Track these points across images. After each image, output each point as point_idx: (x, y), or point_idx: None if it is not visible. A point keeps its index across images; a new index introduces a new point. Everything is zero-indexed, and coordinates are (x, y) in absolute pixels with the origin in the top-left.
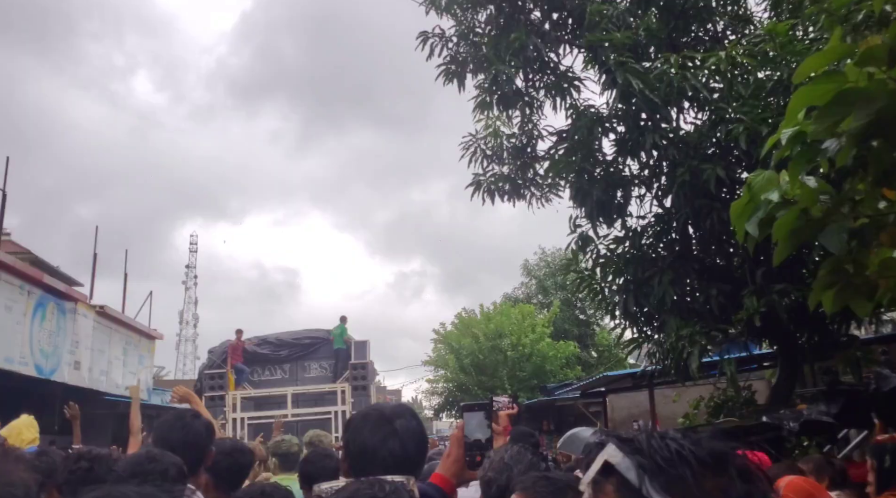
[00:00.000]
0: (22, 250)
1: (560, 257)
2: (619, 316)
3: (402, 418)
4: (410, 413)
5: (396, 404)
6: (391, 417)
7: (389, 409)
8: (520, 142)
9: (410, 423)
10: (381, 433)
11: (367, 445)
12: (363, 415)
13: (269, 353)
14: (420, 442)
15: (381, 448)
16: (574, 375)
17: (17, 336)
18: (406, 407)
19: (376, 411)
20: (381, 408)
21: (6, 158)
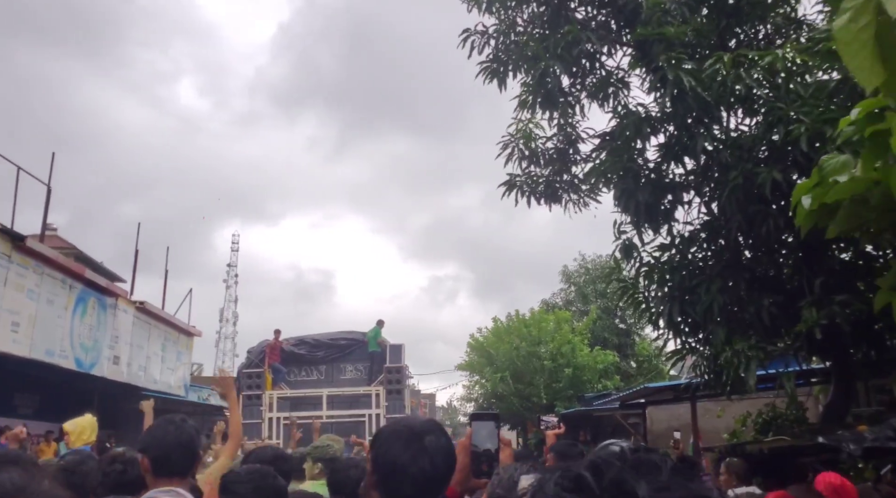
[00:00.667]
0: (67, 246)
1: (600, 265)
2: (662, 326)
3: (433, 435)
4: (440, 429)
5: (426, 420)
6: (421, 433)
7: (419, 424)
8: (560, 143)
9: (440, 440)
10: (411, 450)
11: (398, 462)
12: (392, 430)
13: (306, 353)
14: (449, 459)
15: (412, 466)
16: (612, 385)
17: (57, 330)
18: (435, 423)
19: (406, 428)
20: (410, 423)
21: (52, 155)
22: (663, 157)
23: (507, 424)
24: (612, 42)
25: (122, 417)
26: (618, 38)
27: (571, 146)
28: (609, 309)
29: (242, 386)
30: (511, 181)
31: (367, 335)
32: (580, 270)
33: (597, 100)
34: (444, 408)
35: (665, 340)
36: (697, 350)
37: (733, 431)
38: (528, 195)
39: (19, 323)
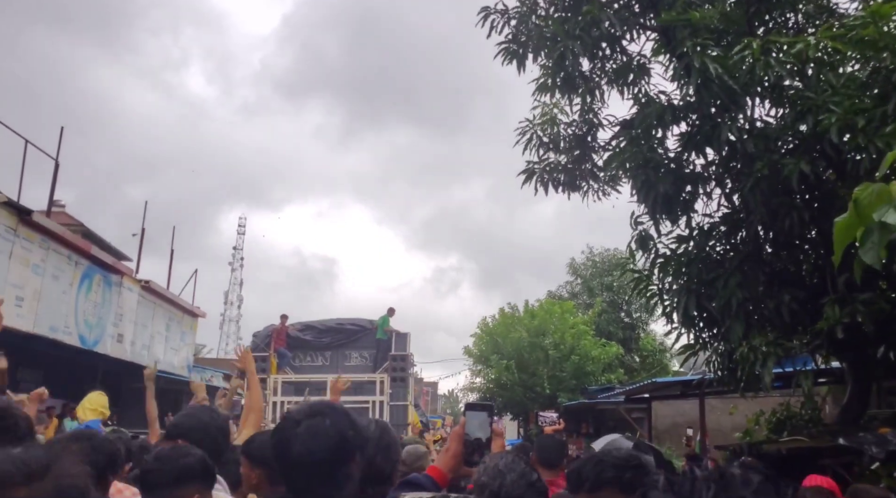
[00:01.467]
0: (75, 223)
1: (608, 258)
2: (675, 320)
3: (315, 418)
4: (328, 412)
5: (315, 404)
6: (300, 418)
7: (305, 409)
8: (579, 130)
9: (321, 423)
10: (285, 436)
11: (277, 448)
12: (283, 418)
13: (312, 339)
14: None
15: (285, 450)
16: (616, 379)
17: (62, 306)
18: (325, 406)
19: (291, 413)
20: (298, 409)
21: (60, 129)
22: (684, 147)
23: (510, 413)
24: (635, 26)
25: (125, 396)
26: (640, 22)
27: (591, 133)
28: (615, 303)
29: None
30: (530, 169)
31: (377, 322)
32: (587, 262)
33: (617, 86)
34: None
35: (678, 334)
36: (712, 345)
37: (746, 429)
38: (547, 183)
39: (24, 298)
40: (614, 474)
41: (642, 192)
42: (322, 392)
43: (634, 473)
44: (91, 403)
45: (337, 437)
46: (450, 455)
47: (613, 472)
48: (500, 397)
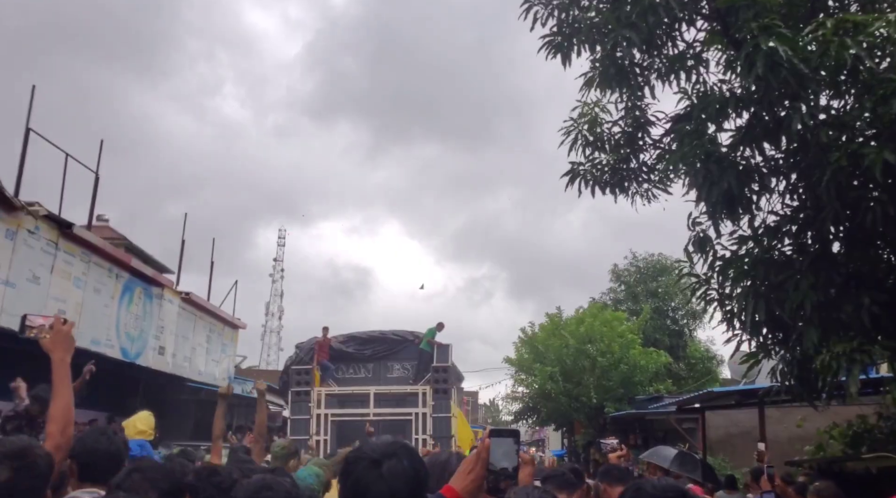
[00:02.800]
0: (118, 237)
1: (652, 263)
2: (737, 326)
3: (393, 459)
4: (404, 452)
5: (389, 443)
6: (380, 459)
7: (380, 450)
8: (628, 127)
9: (400, 464)
10: (364, 479)
11: (358, 489)
12: (355, 457)
13: (354, 350)
14: (412, 484)
15: (369, 493)
16: (664, 389)
17: (103, 319)
18: (400, 446)
19: (366, 453)
20: (372, 449)
21: (100, 142)
22: (740, 142)
23: (553, 423)
24: (692, 12)
25: (167, 408)
26: (696, 9)
27: (640, 130)
28: (660, 309)
29: (291, 382)
30: (574, 170)
31: (422, 334)
32: (631, 268)
33: (669, 79)
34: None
35: (738, 342)
36: (777, 352)
37: (818, 443)
38: (593, 185)
39: (66, 311)
40: None
41: (704, 189)
42: (365, 404)
43: None
44: (140, 423)
45: (416, 477)
46: (471, 478)
47: None
48: (544, 408)
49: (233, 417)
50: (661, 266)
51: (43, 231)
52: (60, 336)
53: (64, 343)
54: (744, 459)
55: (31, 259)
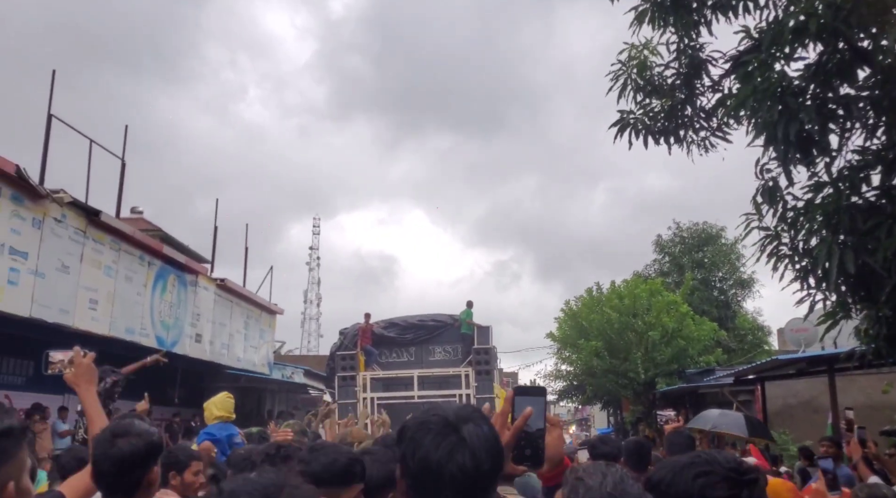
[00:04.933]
0: (153, 228)
1: (696, 233)
2: (812, 283)
3: (472, 423)
4: (479, 415)
5: (461, 406)
6: (456, 422)
7: (454, 412)
8: (682, 67)
9: (482, 428)
10: (447, 445)
11: (431, 460)
12: (421, 422)
13: (396, 336)
14: (494, 452)
15: (449, 463)
16: (714, 360)
17: (137, 307)
18: (473, 408)
19: (438, 417)
20: (443, 412)
21: (125, 127)
22: (811, 79)
23: (599, 401)
24: None
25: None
26: None
27: (697, 71)
28: (707, 280)
29: (337, 367)
30: (624, 120)
31: (460, 317)
32: (674, 239)
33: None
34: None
35: (812, 302)
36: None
37: None
38: (645, 134)
39: (97, 300)
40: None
41: (780, 127)
42: (409, 387)
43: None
44: (217, 406)
45: (497, 447)
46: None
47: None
48: (589, 385)
49: (274, 403)
50: (706, 235)
51: (70, 219)
52: (82, 369)
53: (86, 375)
54: (804, 430)
55: (60, 248)
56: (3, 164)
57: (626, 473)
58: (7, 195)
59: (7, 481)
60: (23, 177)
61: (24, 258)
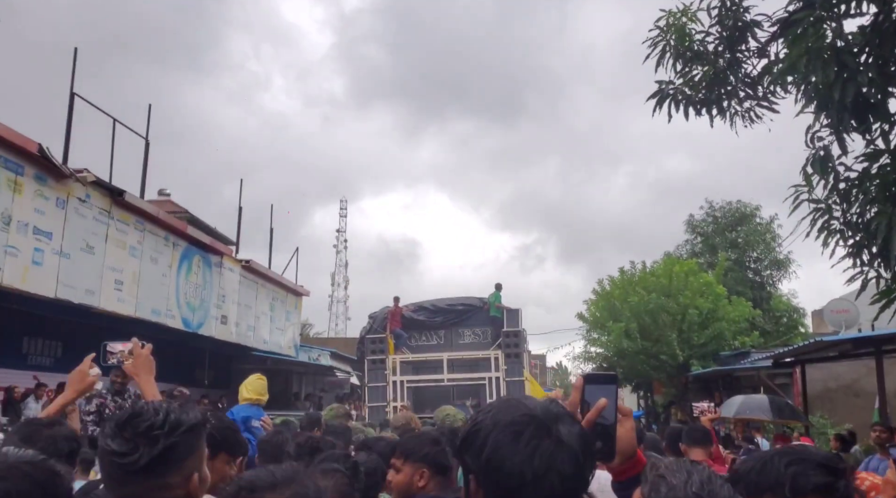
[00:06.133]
0: (180, 210)
1: (730, 212)
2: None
3: (565, 422)
4: (567, 412)
5: (544, 401)
6: (548, 422)
7: (541, 409)
8: (726, 30)
9: (575, 427)
10: (544, 450)
11: (525, 470)
12: (506, 422)
13: (426, 319)
14: (592, 455)
15: (550, 473)
16: (750, 342)
17: (162, 288)
18: (556, 404)
19: (525, 416)
20: (528, 410)
21: (148, 106)
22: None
23: (630, 384)
24: None
25: (233, 379)
26: None
27: (741, 35)
28: (740, 261)
29: (367, 351)
30: (662, 90)
31: (488, 300)
32: (707, 218)
33: None
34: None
35: (864, 279)
36: None
37: None
38: (686, 105)
39: (123, 281)
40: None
41: (836, 89)
42: (439, 370)
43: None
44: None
45: (590, 450)
46: None
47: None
48: (621, 367)
49: (301, 385)
50: (740, 214)
51: (94, 199)
52: (141, 359)
53: (145, 366)
54: (844, 415)
55: (84, 228)
56: (25, 143)
57: (714, 473)
58: (31, 174)
59: (192, 472)
60: (46, 156)
61: (49, 238)
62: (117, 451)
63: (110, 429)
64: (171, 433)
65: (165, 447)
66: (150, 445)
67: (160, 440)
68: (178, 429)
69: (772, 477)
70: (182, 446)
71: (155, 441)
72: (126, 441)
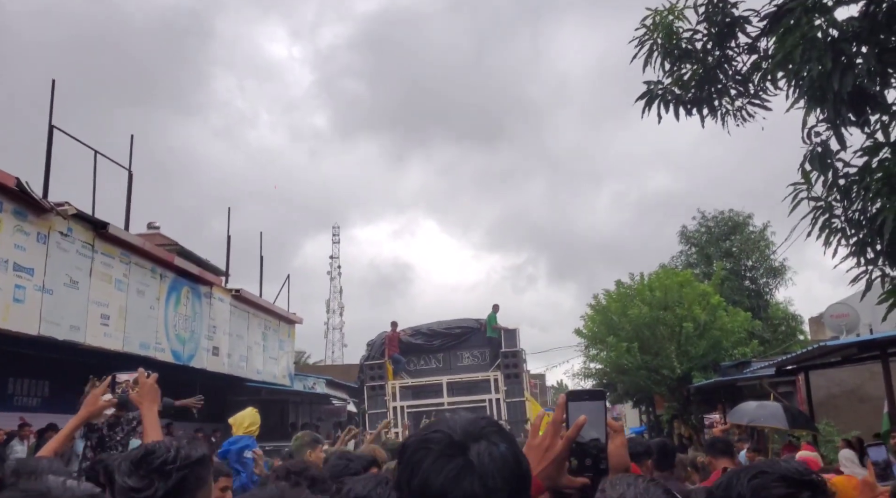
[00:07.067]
0: (170, 242)
1: (723, 221)
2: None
3: (483, 441)
4: (494, 431)
5: (471, 420)
6: (463, 441)
7: (461, 428)
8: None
9: (495, 449)
10: (450, 469)
11: (431, 487)
12: (421, 440)
13: (423, 343)
14: (508, 474)
15: (454, 491)
16: (750, 352)
17: (151, 321)
18: (486, 422)
19: (442, 435)
20: (449, 427)
21: (130, 137)
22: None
23: (631, 399)
24: None
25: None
26: None
27: (730, 30)
28: (736, 269)
29: (366, 377)
30: (651, 91)
31: (485, 321)
32: (700, 229)
33: None
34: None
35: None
36: None
37: None
38: (675, 105)
39: (109, 315)
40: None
41: (834, 78)
42: (439, 394)
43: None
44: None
45: (518, 469)
46: (549, 457)
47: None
48: (621, 383)
49: (298, 415)
50: (732, 223)
51: (77, 232)
52: (146, 389)
53: (150, 394)
54: (850, 421)
55: (67, 263)
56: (3, 178)
57: (652, 485)
58: (9, 210)
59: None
60: (24, 190)
61: (31, 274)
62: (134, 487)
63: (126, 467)
64: (183, 467)
65: (178, 480)
66: (164, 480)
67: (173, 474)
68: (189, 463)
69: (735, 492)
70: (192, 479)
71: (168, 476)
72: (141, 478)
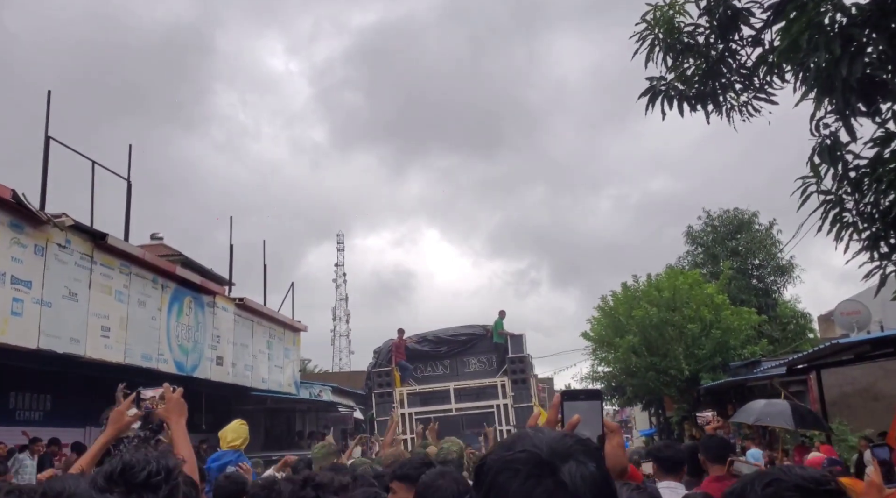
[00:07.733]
0: (174, 253)
1: (728, 220)
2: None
3: (573, 461)
4: (583, 448)
5: (558, 437)
6: (552, 461)
7: (548, 446)
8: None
9: (585, 467)
10: (540, 493)
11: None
12: (506, 460)
13: (430, 349)
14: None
15: None
16: (759, 351)
17: (153, 332)
18: (572, 439)
19: (529, 455)
20: (535, 445)
21: (129, 147)
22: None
23: (640, 402)
24: None
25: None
26: None
27: (732, 22)
28: (743, 268)
29: (374, 385)
30: (654, 87)
31: (491, 327)
32: (706, 228)
33: None
34: None
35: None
36: None
37: None
38: (679, 101)
39: (109, 327)
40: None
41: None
42: (446, 400)
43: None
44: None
45: (608, 490)
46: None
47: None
48: (630, 385)
49: (304, 423)
50: (738, 222)
51: (75, 244)
52: (172, 403)
53: (177, 409)
54: (863, 420)
55: (66, 275)
56: None
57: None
58: (5, 222)
59: None
60: (21, 202)
61: (28, 287)
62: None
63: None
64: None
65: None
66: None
67: (162, 487)
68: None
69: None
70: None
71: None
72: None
